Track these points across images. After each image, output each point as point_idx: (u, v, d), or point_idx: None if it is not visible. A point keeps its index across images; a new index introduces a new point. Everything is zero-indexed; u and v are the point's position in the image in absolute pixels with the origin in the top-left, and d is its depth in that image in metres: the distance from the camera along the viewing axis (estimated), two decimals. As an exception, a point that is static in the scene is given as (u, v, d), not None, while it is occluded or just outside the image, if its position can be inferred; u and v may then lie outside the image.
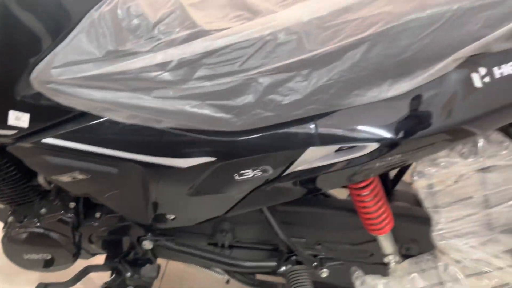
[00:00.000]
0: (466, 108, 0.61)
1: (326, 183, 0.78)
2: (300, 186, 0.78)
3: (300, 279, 0.87)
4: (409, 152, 0.69)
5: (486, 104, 0.61)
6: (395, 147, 0.65)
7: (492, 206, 0.80)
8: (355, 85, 0.62)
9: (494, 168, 0.75)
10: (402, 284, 0.87)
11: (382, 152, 0.66)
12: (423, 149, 0.68)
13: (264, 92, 0.64)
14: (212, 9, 0.69)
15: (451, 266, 0.85)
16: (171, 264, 1.43)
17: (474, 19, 0.58)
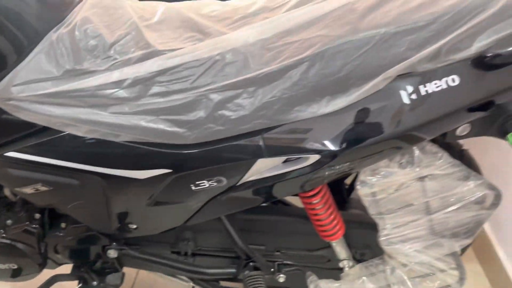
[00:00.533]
0: (397, 122, 0.67)
1: (279, 191, 0.82)
2: (254, 195, 0.82)
3: (256, 284, 0.92)
4: (354, 161, 0.74)
5: (414, 118, 0.67)
6: (334, 158, 0.70)
7: (433, 212, 0.86)
8: (297, 102, 0.68)
9: (432, 176, 0.81)
10: (353, 287, 0.92)
11: (324, 163, 0.71)
12: (367, 158, 0.74)
13: (214, 107, 0.69)
14: (166, 30, 0.73)
15: (397, 269, 0.90)
16: (142, 272, 1.46)
17: (399, 42, 0.64)
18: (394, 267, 0.91)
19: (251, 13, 0.74)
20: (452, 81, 0.66)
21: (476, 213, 0.88)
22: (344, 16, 0.66)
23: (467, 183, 0.83)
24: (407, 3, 0.65)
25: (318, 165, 0.72)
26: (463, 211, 0.87)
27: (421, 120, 0.67)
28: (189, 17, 0.75)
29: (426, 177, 0.81)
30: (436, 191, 0.83)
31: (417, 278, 0.90)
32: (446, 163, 0.79)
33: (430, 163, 0.78)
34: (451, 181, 0.82)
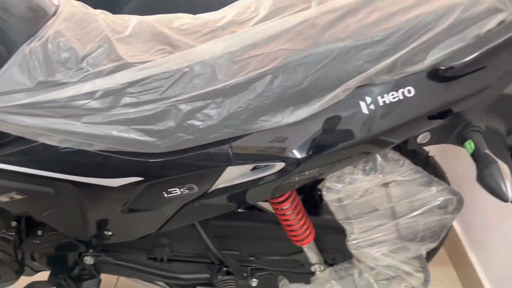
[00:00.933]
0: (357, 131, 0.70)
1: (250, 197, 0.85)
2: (226, 201, 0.85)
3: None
4: (322, 167, 0.77)
5: (373, 128, 0.70)
6: (299, 165, 0.73)
7: (399, 217, 0.89)
8: (262, 112, 0.71)
9: (395, 183, 0.84)
10: None
11: (289, 170, 0.74)
12: (334, 164, 0.77)
13: (183, 117, 0.71)
14: (137, 43, 0.76)
15: (365, 272, 0.93)
16: (122, 278, 1.47)
17: (358, 55, 0.67)
18: (362, 271, 0.94)
19: (219, 27, 0.77)
20: (408, 92, 0.69)
21: (440, 218, 0.92)
22: (305, 31, 0.70)
23: (429, 188, 0.87)
24: (364, 18, 0.69)
25: (284, 173, 0.75)
26: (428, 216, 0.90)
27: (379, 129, 0.70)
28: (160, 31, 0.78)
29: (390, 183, 0.84)
30: (400, 197, 0.86)
31: (383, 281, 0.93)
32: (408, 170, 0.83)
33: (392, 170, 0.82)
34: (414, 187, 0.86)
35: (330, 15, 0.70)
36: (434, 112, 0.72)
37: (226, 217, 0.98)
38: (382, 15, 0.68)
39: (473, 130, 0.80)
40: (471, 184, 1.38)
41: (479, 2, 0.67)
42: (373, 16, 0.69)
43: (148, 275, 1.05)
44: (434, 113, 0.72)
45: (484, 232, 1.36)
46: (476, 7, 0.67)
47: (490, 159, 0.73)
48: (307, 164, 0.73)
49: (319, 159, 0.73)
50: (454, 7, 0.67)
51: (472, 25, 0.67)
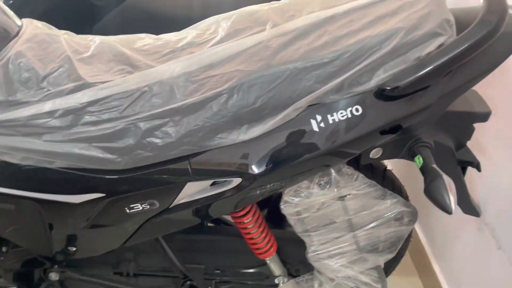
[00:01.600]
0: (308, 147, 0.74)
1: (211, 212, 0.87)
2: (188, 216, 0.87)
3: None
4: (280, 180, 0.80)
5: (323, 144, 0.74)
6: (254, 181, 0.76)
7: (356, 229, 0.93)
8: (218, 130, 0.74)
9: (351, 196, 0.88)
10: None
11: (246, 185, 0.77)
12: (292, 177, 0.80)
13: (142, 135, 0.74)
14: (98, 64, 0.78)
15: (325, 284, 0.96)
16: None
17: (307, 76, 0.71)
18: (322, 282, 0.97)
19: (179, 48, 0.80)
20: (356, 111, 0.73)
21: (396, 229, 0.96)
22: (259, 53, 0.73)
23: (384, 201, 0.91)
24: (314, 41, 0.73)
25: (241, 188, 0.78)
26: (384, 228, 0.94)
27: (329, 146, 0.74)
28: (121, 51, 0.80)
29: (346, 197, 0.88)
30: (356, 209, 0.90)
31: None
32: (362, 184, 0.87)
33: (347, 184, 0.86)
34: (369, 200, 0.89)
35: (282, 37, 0.74)
36: (381, 129, 0.76)
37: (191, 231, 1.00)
38: (330, 38, 0.72)
39: (422, 145, 0.85)
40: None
41: (420, 26, 0.72)
42: (322, 39, 0.73)
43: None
44: (382, 129, 0.76)
45: (446, 241, 1.41)
46: (417, 31, 0.71)
47: (436, 174, 0.78)
48: (263, 179, 0.76)
49: (274, 174, 0.76)
50: (397, 31, 0.71)
51: (413, 48, 0.71)
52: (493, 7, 0.73)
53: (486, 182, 1.13)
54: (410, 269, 1.59)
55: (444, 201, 0.75)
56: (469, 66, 0.75)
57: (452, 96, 0.78)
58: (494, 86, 1.05)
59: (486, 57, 0.75)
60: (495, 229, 1.10)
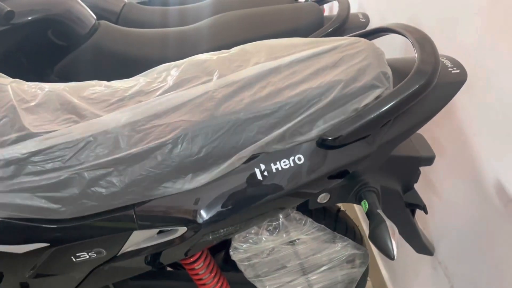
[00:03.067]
0: (252, 196, 0.75)
1: (161, 259, 0.86)
2: (136, 264, 0.86)
3: None
4: (230, 226, 0.80)
5: (267, 192, 0.75)
6: (199, 230, 0.76)
7: (308, 272, 0.93)
8: (163, 179, 0.74)
9: (300, 240, 0.89)
10: None
11: (191, 234, 0.77)
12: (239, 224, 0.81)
13: (87, 185, 0.73)
14: (44, 113, 0.79)
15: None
16: None
17: (250, 127, 0.73)
18: (275, 326, 0.96)
19: (127, 96, 0.82)
20: (298, 160, 0.75)
21: (349, 271, 0.97)
22: (203, 103, 0.75)
23: (334, 245, 0.92)
24: (257, 93, 0.75)
25: (187, 236, 0.78)
26: (336, 270, 0.95)
27: (273, 194, 0.75)
28: (68, 100, 0.81)
29: (295, 241, 0.89)
30: (307, 253, 0.91)
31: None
32: (311, 228, 0.88)
33: (295, 229, 0.87)
34: (319, 244, 0.90)
35: (227, 88, 0.76)
36: (324, 176, 0.77)
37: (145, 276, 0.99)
38: (273, 89, 0.75)
39: (368, 190, 0.87)
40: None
41: (358, 79, 0.75)
42: (265, 90, 0.75)
43: None
44: (324, 176, 0.78)
45: (406, 279, 1.42)
46: (355, 84, 0.75)
47: (379, 219, 0.79)
48: (209, 227, 0.76)
49: (220, 223, 0.76)
50: (336, 84, 0.74)
51: (352, 99, 0.74)
52: (426, 58, 0.77)
53: (437, 220, 1.16)
54: (373, 305, 1.59)
55: (387, 246, 0.76)
56: (407, 116, 0.78)
57: (392, 144, 0.81)
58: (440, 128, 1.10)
59: (422, 107, 0.78)
60: (447, 267, 1.12)
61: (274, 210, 0.80)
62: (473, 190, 1.02)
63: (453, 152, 1.09)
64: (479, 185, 1.00)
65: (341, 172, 0.80)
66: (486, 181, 0.98)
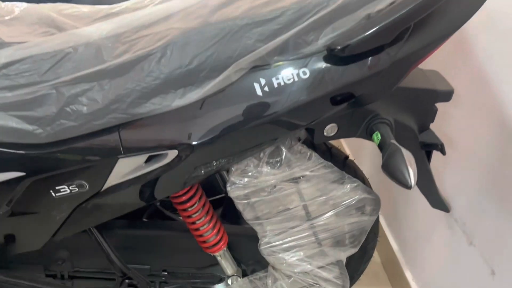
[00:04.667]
0: (251, 113, 0.67)
1: (150, 194, 0.77)
2: (123, 200, 0.77)
3: None
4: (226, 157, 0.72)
5: (268, 110, 0.67)
6: (192, 152, 0.68)
7: (313, 217, 0.85)
8: (151, 94, 0.66)
9: (305, 178, 0.80)
10: None
11: (183, 158, 0.69)
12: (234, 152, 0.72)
13: (65, 102, 0.65)
14: (20, 26, 0.71)
15: (280, 280, 0.87)
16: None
17: (248, 34, 0.65)
18: (277, 278, 0.87)
19: (113, 13, 0.74)
20: (303, 74, 0.67)
21: (358, 219, 0.88)
22: (197, 11, 0.67)
23: (342, 186, 0.83)
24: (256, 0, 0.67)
25: (178, 161, 0.69)
26: (344, 217, 0.86)
27: (275, 112, 0.67)
28: (48, 15, 0.73)
29: (300, 179, 0.80)
30: (311, 194, 0.82)
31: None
32: (317, 164, 0.79)
33: (299, 164, 0.78)
34: (326, 184, 0.82)
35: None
36: (331, 95, 0.69)
37: (133, 226, 0.91)
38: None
39: (381, 122, 0.79)
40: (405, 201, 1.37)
41: (370, -18, 0.67)
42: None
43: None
44: (332, 96, 0.69)
45: (417, 247, 1.33)
46: (367, -13, 0.66)
47: (394, 148, 0.71)
48: (202, 151, 0.68)
49: (214, 146, 0.68)
50: (346, -12, 0.66)
51: (364, 4, 0.66)
52: None
53: (453, 173, 1.07)
54: (382, 278, 1.50)
55: (403, 175, 0.68)
56: (425, 29, 0.69)
57: (408, 63, 0.72)
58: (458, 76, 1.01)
59: (442, 21, 0.70)
60: (465, 223, 1.03)
61: (272, 139, 0.71)
62: (493, 138, 0.94)
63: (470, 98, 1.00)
64: (499, 131, 0.91)
65: (348, 93, 0.71)
66: (506, 126, 0.89)
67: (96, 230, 0.86)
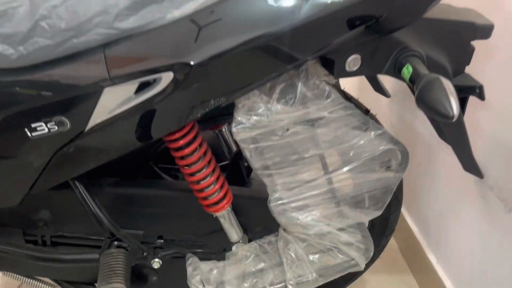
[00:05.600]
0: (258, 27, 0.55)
1: (142, 132, 0.65)
2: (111, 141, 0.66)
3: (112, 262, 0.73)
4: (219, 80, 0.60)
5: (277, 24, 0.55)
6: (189, 73, 0.57)
7: (331, 171, 0.73)
8: (140, 4, 0.55)
9: (323, 122, 0.69)
10: (239, 267, 0.75)
11: (179, 83, 0.58)
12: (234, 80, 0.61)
13: (40, 15, 0.55)
14: None
15: (293, 243, 0.75)
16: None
17: None
18: (289, 241, 0.75)
19: None
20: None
21: (382, 176, 0.76)
22: None
23: (365, 133, 0.71)
24: None
25: (173, 88, 0.58)
26: (366, 172, 0.75)
27: (286, 25, 0.55)
28: None
29: (316, 122, 0.69)
30: (330, 141, 0.70)
31: (315, 255, 0.75)
32: (337, 104, 0.68)
33: (316, 102, 0.66)
34: (346, 129, 0.70)
35: None
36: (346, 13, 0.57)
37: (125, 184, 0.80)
38: None
39: (411, 55, 0.67)
40: (427, 179, 1.25)
41: None
42: None
43: (27, 266, 0.82)
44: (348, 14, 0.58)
45: (441, 226, 1.20)
46: None
47: (431, 76, 0.59)
48: (201, 73, 0.57)
49: (215, 66, 0.57)
50: None
51: None
52: None
53: (486, 136, 0.95)
54: (401, 265, 1.37)
55: (443, 104, 0.56)
56: None
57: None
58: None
59: None
60: (502, 189, 0.90)
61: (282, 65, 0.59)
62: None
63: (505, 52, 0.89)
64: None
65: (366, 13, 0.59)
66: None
67: (81, 185, 0.75)
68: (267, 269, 0.74)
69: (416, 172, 1.29)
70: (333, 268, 0.74)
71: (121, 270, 0.70)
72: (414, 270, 1.33)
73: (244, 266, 0.74)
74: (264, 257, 0.75)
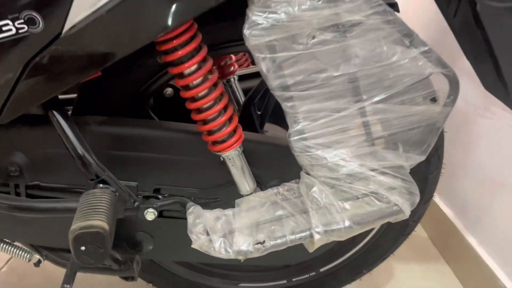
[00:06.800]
0: None
1: (134, 33, 0.54)
2: (95, 47, 0.53)
3: (93, 201, 0.58)
4: None
5: None
6: None
7: (364, 99, 0.59)
8: None
9: (356, 30, 0.55)
10: (252, 215, 0.61)
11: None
12: None
13: None
14: None
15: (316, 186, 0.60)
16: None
17: None
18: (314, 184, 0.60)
19: None
20: None
21: (426, 109, 0.62)
22: None
23: (408, 50, 0.57)
24: None
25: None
26: (407, 102, 0.61)
27: None
28: None
29: (348, 31, 0.55)
30: (363, 57, 0.57)
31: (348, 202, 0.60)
32: (375, 5, 0.54)
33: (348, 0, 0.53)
34: (384, 43, 0.57)
35: None
36: None
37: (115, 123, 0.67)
38: None
39: None
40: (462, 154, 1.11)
41: None
42: None
43: None
44: None
45: (482, 208, 1.05)
46: None
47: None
48: None
49: None
50: None
51: None
52: None
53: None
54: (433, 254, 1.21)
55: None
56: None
57: None
58: None
59: None
60: None
61: None
62: None
63: None
64: None
65: None
66: None
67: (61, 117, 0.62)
68: (288, 216, 0.60)
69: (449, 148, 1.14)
70: (371, 214, 0.59)
71: (103, 209, 0.56)
72: (448, 257, 1.16)
73: (258, 214, 0.60)
74: (284, 204, 0.61)
